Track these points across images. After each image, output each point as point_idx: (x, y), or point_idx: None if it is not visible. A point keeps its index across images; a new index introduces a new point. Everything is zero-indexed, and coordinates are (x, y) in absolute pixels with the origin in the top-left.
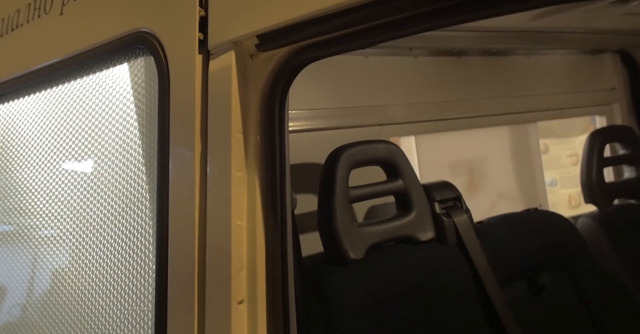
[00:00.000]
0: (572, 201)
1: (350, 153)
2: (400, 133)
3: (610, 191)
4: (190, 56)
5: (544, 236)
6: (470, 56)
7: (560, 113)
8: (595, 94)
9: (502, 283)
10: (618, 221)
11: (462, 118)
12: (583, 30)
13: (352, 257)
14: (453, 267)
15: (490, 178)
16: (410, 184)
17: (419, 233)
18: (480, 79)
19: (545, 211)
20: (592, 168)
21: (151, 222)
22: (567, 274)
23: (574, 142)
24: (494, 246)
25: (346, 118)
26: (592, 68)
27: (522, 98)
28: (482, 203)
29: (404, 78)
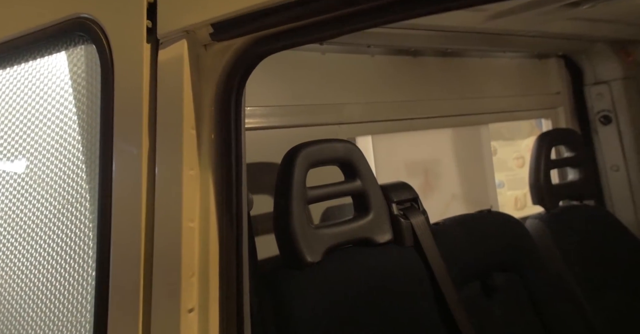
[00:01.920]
0: (518, 203)
1: (308, 152)
2: (358, 133)
3: (556, 193)
4: (137, 45)
5: (497, 238)
6: (427, 56)
7: (510, 116)
8: (542, 98)
9: (457, 284)
10: (563, 222)
11: (418, 119)
12: (533, 33)
13: (309, 260)
14: (410, 269)
15: (444, 179)
16: (368, 185)
17: (376, 235)
18: (436, 80)
19: (497, 213)
20: (540, 170)
21: (91, 225)
22: (518, 275)
23: (520, 144)
24: (449, 247)
25: (303, 116)
26: (539, 72)
27: (475, 100)
28: (437, 204)
29: (361, 77)
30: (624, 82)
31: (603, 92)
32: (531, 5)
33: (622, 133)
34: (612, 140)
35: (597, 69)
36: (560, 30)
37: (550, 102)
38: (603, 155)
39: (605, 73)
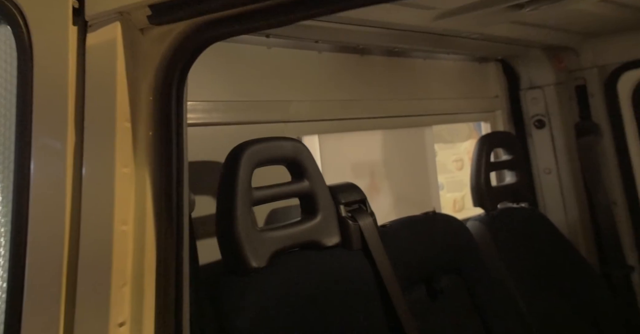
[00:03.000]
0: (457, 205)
1: (254, 151)
2: (304, 132)
3: (496, 195)
4: (61, 27)
5: (442, 240)
6: (373, 55)
7: (453, 118)
8: (481, 101)
9: (403, 287)
10: (502, 224)
11: (365, 119)
12: (476, 36)
13: (254, 266)
14: (358, 273)
15: (390, 181)
16: (316, 185)
17: (324, 238)
18: (382, 80)
19: (442, 215)
20: (480, 172)
21: (3, 229)
22: (462, 277)
23: (459, 147)
24: (397, 250)
25: (247, 113)
26: (479, 75)
27: (420, 101)
28: (382, 206)
29: (308, 74)
30: (556, 87)
31: (537, 97)
32: (478, 6)
33: (554, 137)
34: (545, 143)
35: (532, 74)
36: (501, 34)
37: (489, 105)
38: (537, 158)
39: (540, 79)
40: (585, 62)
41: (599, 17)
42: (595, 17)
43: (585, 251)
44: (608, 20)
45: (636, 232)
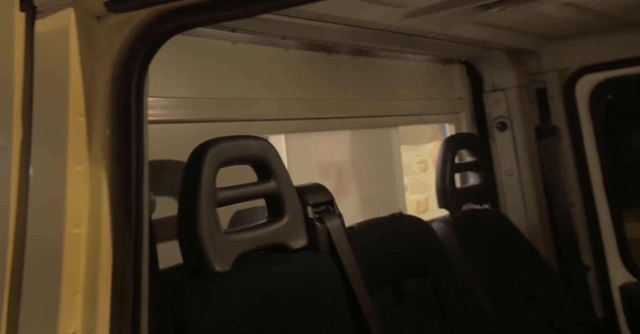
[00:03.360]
0: (420, 207)
1: (219, 150)
2: (270, 131)
3: (460, 197)
4: (7, 13)
5: (410, 242)
6: (341, 54)
7: (419, 119)
8: (446, 102)
9: (371, 290)
10: (466, 225)
11: (332, 119)
12: (442, 36)
13: (218, 270)
14: (325, 277)
15: (356, 182)
16: (283, 186)
17: (291, 241)
18: (350, 79)
19: (409, 216)
20: (445, 174)
21: None
22: (428, 279)
23: (423, 149)
24: (364, 252)
25: (211, 111)
26: (444, 77)
27: (387, 101)
28: (349, 207)
29: (274, 71)
30: (518, 90)
31: (500, 99)
32: (447, 5)
33: (516, 139)
34: (507, 145)
35: (495, 77)
36: (466, 35)
37: (453, 107)
38: (499, 160)
39: (502, 81)
40: (546, 66)
41: (561, 20)
42: (557, 20)
43: (545, 251)
44: (569, 24)
45: (591, 233)
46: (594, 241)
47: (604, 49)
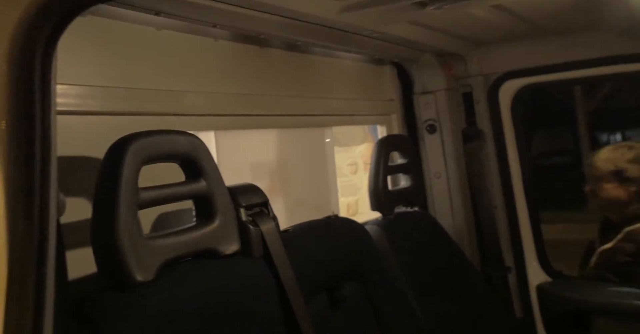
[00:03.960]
0: (350, 209)
1: (142, 145)
2: (199, 127)
3: (393, 199)
4: None
5: (345, 245)
6: (274, 48)
7: (351, 120)
8: (378, 104)
9: (306, 297)
10: (398, 228)
11: (265, 116)
12: (377, 35)
13: (140, 279)
14: (258, 284)
15: (290, 183)
16: (214, 186)
17: (222, 245)
18: (282, 75)
19: (344, 219)
20: (379, 176)
21: None
22: (362, 283)
23: (354, 151)
24: (300, 257)
25: (132, 102)
26: (376, 78)
27: (321, 100)
28: (281, 209)
29: (203, 63)
30: (447, 93)
31: (430, 102)
32: (384, 0)
33: (445, 142)
34: (436, 148)
35: (425, 79)
36: (400, 34)
37: (385, 108)
38: (428, 163)
39: (432, 84)
40: (472, 70)
41: (488, 25)
42: (485, 24)
43: (469, 252)
44: (495, 29)
45: (512, 235)
46: (515, 243)
47: (526, 55)
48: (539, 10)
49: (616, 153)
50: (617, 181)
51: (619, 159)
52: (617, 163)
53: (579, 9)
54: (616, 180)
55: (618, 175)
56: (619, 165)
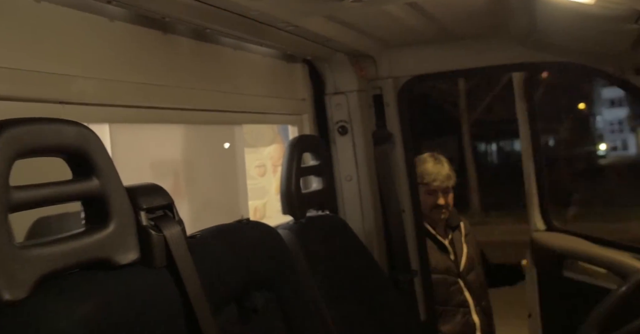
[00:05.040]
0: (258, 213)
1: (16, 134)
2: (90, 118)
3: (305, 202)
4: None
5: (257, 252)
6: (179, 36)
7: (262, 118)
8: (290, 103)
9: (214, 309)
10: (310, 232)
11: (168, 109)
12: (291, 28)
13: (9, 298)
14: (161, 297)
15: (196, 184)
16: (109, 186)
17: (117, 254)
18: (189, 65)
19: (257, 223)
20: (291, 177)
21: None
22: (274, 292)
23: (262, 152)
24: (208, 265)
25: (4, 84)
26: (287, 75)
27: (230, 95)
28: (187, 213)
29: (95, 45)
30: (358, 94)
31: (341, 103)
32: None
33: (356, 144)
34: (348, 150)
35: (337, 79)
36: (314, 29)
37: (296, 108)
38: (339, 165)
39: (343, 85)
40: (382, 72)
41: (401, 25)
42: (398, 25)
43: (378, 256)
44: (407, 30)
45: (419, 239)
46: (420, 246)
47: (434, 59)
48: (451, 12)
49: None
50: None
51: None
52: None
53: (488, 14)
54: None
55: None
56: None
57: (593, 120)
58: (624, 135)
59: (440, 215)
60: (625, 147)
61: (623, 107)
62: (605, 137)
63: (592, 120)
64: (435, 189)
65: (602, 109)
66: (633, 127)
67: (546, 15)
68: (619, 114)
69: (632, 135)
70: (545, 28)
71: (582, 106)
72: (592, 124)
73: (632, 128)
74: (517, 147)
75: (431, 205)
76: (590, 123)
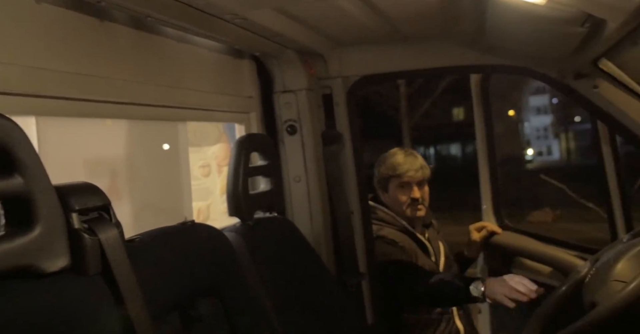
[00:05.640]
0: (201, 215)
1: None
2: (14, 110)
3: (253, 204)
4: None
5: (202, 256)
6: (117, 24)
7: (208, 116)
8: (236, 100)
9: (154, 319)
10: (258, 235)
11: (104, 103)
12: (239, 20)
13: None
14: (94, 307)
15: (136, 184)
16: (35, 184)
17: (44, 261)
18: (129, 57)
19: (202, 226)
20: (238, 178)
21: None
22: (221, 299)
23: (207, 151)
24: (148, 271)
25: None
26: (234, 72)
27: (173, 90)
28: (126, 215)
29: (18, 28)
30: (308, 93)
31: (290, 101)
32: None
33: (305, 144)
34: (297, 150)
35: (286, 77)
36: (264, 23)
37: (243, 106)
38: (287, 165)
39: (292, 83)
40: (332, 71)
41: (352, 23)
42: (349, 22)
43: (327, 259)
44: (358, 28)
45: (367, 241)
46: (369, 249)
47: (384, 59)
48: (403, 11)
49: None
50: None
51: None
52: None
53: (439, 15)
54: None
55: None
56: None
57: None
58: (549, 141)
59: (416, 212)
60: (550, 152)
61: (548, 114)
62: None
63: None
64: (408, 181)
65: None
66: (557, 134)
67: (496, 17)
68: (545, 121)
69: (556, 141)
70: (494, 30)
71: (512, 113)
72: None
73: (556, 134)
74: (453, 151)
75: (405, 201)
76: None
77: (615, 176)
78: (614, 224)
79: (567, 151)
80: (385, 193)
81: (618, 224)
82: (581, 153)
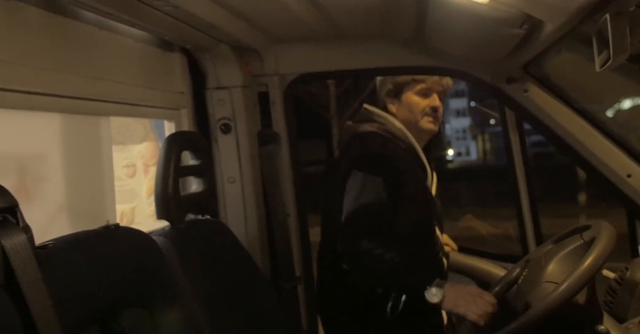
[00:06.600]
0: (125, 219)
1: None
2: None
3: (184, 206)
4: None
5: (127, 263)
6: (27, 4)
7: (134, 111)
8: (166, 95)
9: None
10: (189, 239)
11: (10, 92)
12: (170, 9)
13: None
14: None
15: (50, 184)
16: None
17: None
18: (41, 42)
19: (128, 229)
20: (168, 178)
21: None
22: (148, 310)
23: (132, 150)
24: (63, 281)
25: None
26: (164, 65)
27: (94, 81)
28: (38, 218)
29: None
30: (243, 90)
31: (224, 99)
32: None
33: (240, 144)
34: (231, 150)
35: (220, 73)
36: (198, 13)
37: (174, 101)
38: (221, 166)
39: (227, 79)
40: (268, 68)
41: (290, 17)
42: (288, 15)
43: (262, 263)
44: (296, 24)
45: (303, 244)
46: (305, 252)
47: (321, 58)
48: (343, 8)
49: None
50: None
51: None
52: None
53: (379, 14)
54: None
55: None
56: None
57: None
58: (467, 142)
59: (430, 124)
60: (468, 153)
61: (466, 117)
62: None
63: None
64: (431, 86)
65: (450, 118)
66: (474, 135)
67: (436, 16)
68: (464, 123)
69: (473, 142)
70: (433, 31)
71: None
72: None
73: (474, 136)
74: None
75: (423, 108)
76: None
77: (524, 176)
78: (523, 221)
79: (484, 152)
80: (396, 101)
81: (526, 220)
82: (496, 154)
